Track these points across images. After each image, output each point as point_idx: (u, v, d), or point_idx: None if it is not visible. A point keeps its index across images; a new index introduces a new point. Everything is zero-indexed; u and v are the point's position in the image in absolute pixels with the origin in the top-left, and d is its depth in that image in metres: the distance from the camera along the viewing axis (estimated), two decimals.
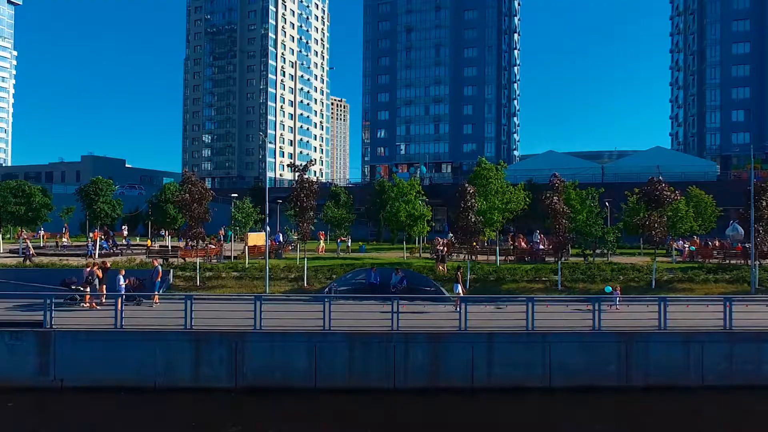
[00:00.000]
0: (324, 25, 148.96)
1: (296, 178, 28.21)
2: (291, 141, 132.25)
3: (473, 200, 27.55)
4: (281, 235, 41.18)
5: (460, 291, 24.04)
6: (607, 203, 40.68)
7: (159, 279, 23.57)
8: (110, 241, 36.71)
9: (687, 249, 38.73)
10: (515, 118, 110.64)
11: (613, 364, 19.69)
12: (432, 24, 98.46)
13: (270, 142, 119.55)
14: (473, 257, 37.56)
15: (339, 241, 43.77)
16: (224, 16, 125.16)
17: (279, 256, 38.30)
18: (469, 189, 27.57)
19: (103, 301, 22.46)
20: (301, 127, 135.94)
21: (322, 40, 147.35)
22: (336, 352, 19.15)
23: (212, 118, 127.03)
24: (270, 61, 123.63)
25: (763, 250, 32.03)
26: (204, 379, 18.80)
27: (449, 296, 25.83)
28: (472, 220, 27.13)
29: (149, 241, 41.28)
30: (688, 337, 19.83)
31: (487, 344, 19.47)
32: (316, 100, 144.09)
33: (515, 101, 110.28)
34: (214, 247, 34.72)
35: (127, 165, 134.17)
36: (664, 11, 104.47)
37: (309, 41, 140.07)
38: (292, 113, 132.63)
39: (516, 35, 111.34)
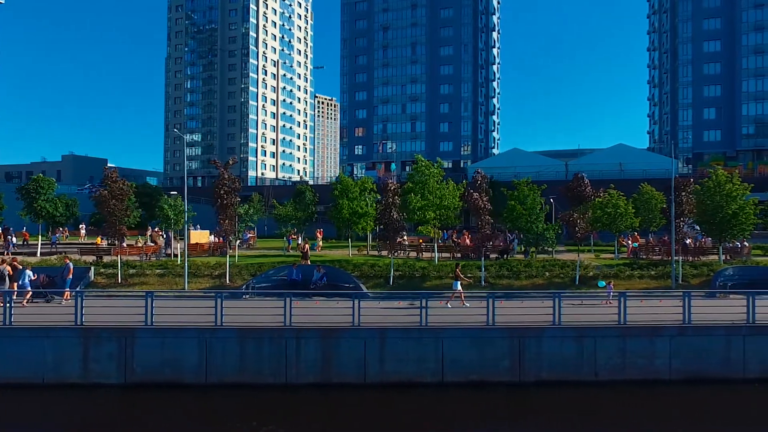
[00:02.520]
0: (307, 24, 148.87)
1: (228, 174, 28.05)
2: (273, 140, 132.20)
3: (396, 197, 27.58)
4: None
5: (459, 287, 24.11)
6: (551, 200, 40.80)
7: (70, 276, 23.56)
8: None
9: (630, 246, 38.91)
10: (494, 117, 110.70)
11: (506, 360, 19.78)
12: (408, 22, 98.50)
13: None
14: (420, 254, 37.79)
15: (290, 239, 43.89)
16: (205, 15, 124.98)
17: (224, 253, 38.41)
18: (390, 186, 27.62)
19: (14, 297, 22.47)
20: (284, 126, 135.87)
21: (305, 38, 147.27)
22: (227, 347, 19.21)
23: (194, 117, 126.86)
24: (251, 60, 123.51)
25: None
26: (93, 375, 18.83)
27: (367, 292, 25.95)
28: (394, 217, 27.17)
29: (98, 239, 41.26)
30: (581, 332, 19.92)
31: (380, 340, 19.54)
32: (299, 99, 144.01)
33: (494, 99, 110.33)
34: (152, 245, 34.70)
35: (109, 164, 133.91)
36: (644, 10, 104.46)
37: (292, 40, 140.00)
38: (275, 112, 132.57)
39: (495, 33, 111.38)
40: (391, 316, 21.12)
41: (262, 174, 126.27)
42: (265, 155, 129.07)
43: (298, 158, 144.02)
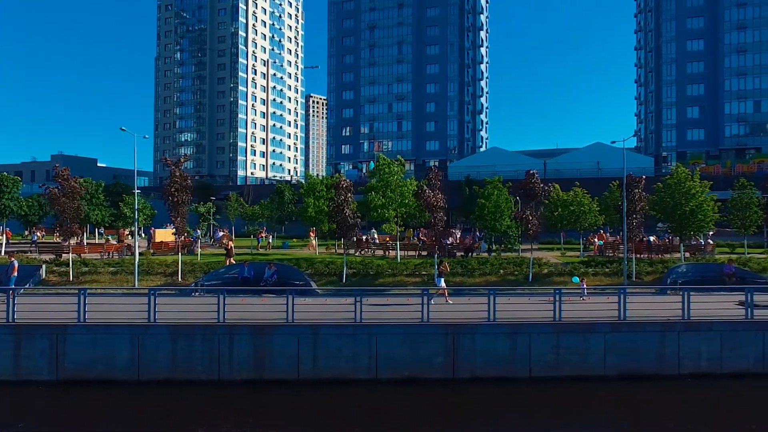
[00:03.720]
0: (298, 23, 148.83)
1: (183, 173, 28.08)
2: (263, 139, 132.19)
3: (349, 195, 27.63)
4: (198, 230, 41.27)
5: (443, 283, 24.23)
6: (518, 198, 40.85)
7: (14, 274, 23.57)
8: None
9: (596, 243, 38.99)
10: (481, 116, 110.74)
11: (440, 356, 19.80)
12: (395, 21, 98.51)
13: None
14: (387, 252, 37.83)
15: (260, 237, 43.96)
16: (194, 14, 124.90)
17: (191, 251, 38.48)
18: (342, 183, 27.66)
19: None
20: (274, 125, 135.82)
21: (296, 38, 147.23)
22: (159, 344, 19.23)
23: (183, 116, 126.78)
24: (241, 60, 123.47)
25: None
26: (25, 372, 18.85)
27: (316, 289, 26.01)
28: (347, 214, 27.19)
29: (55, 236, 41.31)
30: (515, 329, 19.94)
31: (313, 336, 19.56)
32: (290, 98, 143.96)
33: (482, 98, 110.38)
34: (115, 243, 34.74)
35: (99, 164, 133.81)
36: (633, 9, 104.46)
37: (282, 39, 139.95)
38: (265, 112, 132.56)
39: (483, 32, 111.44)
40: (335, 312, 21.09)
41: (252, 173, 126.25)
42: (255, 155, 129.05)
43: (289, 158, 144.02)
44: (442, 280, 24.49)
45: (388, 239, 39.80)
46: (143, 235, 43.62)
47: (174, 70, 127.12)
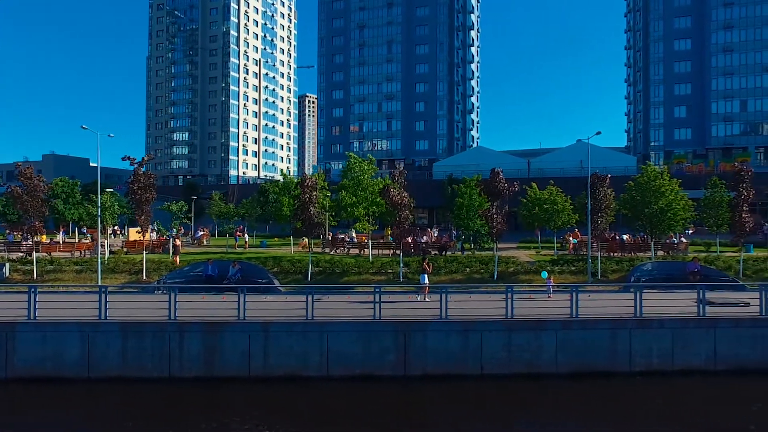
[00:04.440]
0: (291, 23, 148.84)
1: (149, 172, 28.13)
2: (255, 139, 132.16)
3: (314, 193, 27.65)
4: (174, 230, 41.29)
5: (426, 281, 24.34)
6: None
7: None
8: None
9: (571, 242, 39.03)
10: (472, 115, 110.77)
11: (392, 353, 19.84)
12: (384, 21, 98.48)
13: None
14: (362, 251, 37.82)
15: (237, 236, 43.99)
16: (186, 14, 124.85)
17: (166, 250, 38.51)
18: (307, 182, 27.68)
19: None
20: (266, 125, 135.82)
21: (288, 37, 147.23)
22: (109, 341, 19.26)
23: (175, 116, 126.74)
24: (232, 59, 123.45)
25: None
26: None
27: (279, 287, 26.05)
28: (311, 212, 27.21)
29: (43, 236, 41.27)
30: (466, 326, 19.98)
31: (264, 333, 19.60)
32: (282, 98, 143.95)
33: (472, 98, 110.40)
34: (86, 242, 34.74)
35: (92, 164, 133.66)
36: (623, 9, 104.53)
37: (275, 39, 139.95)
38: (257, 111, 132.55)
39: (473, 32, 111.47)
40: (293, 310, 21.10)
41: (244, 173, 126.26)
42: (247, 154, 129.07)
43: (282, 157, 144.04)
44: (426, 277, 24.64)
45: (364, 238, 39.81)
46: (121, 233, 43.66)
47: (166, 69, 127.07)
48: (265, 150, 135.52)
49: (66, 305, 20.03)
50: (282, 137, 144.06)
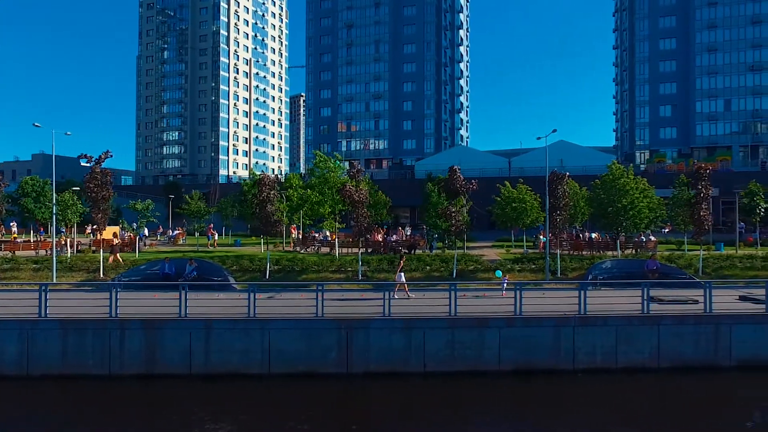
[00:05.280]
0: (282, 22, 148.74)
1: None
2: (246, 139, 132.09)
3: (272, 192, 27.61)
4: (146, 229, 41.24)
5: (403, 279, 24.40)
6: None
7: None
8: None
9: (541, 240, 39.02)
10: (461, 114, 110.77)
11: (334, 351, 19.79)
12: (371, 20, 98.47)
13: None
14: (332, 249, 37.80)
15: (209, 234, 43.95)
16: (176, 13, 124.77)
17: (135, 249, 38.46)
18: (265, 180, 27.63)
19: None
20: (257, 124, 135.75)
21: (279, 37, 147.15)
22: (49, 339, 19.20)
23: (165, 115, 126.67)
24: (222, 59, 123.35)
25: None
26: None
27: (233, 284, 26.02)
28: (269, 210, 27.17)
29: (14, 235, 41.24)
30: (409, 324, 19.95)
31: (205, 331, 19.56)
32: (273, 97, 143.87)
33: (461, 97, 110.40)
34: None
35: (83, 164, 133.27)
36: (611, 8, 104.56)
37: (265, 39, 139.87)
38: (248, 111, 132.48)
39: (462, 31, 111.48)
40: (237, 307, 21.08)
41: (234, 173, 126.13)
42: (237, 154, 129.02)
43: (273, 157, 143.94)
44: (402, 275, 24.69)
45: (334, 236, 39.77)
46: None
47: (156, 68, 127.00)
48: (256, 150, 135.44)
49: (6, 303, 19.96)
50: (273, 137, 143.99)
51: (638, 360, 20.13)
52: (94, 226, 48.74)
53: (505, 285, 24.42)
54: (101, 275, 27.35)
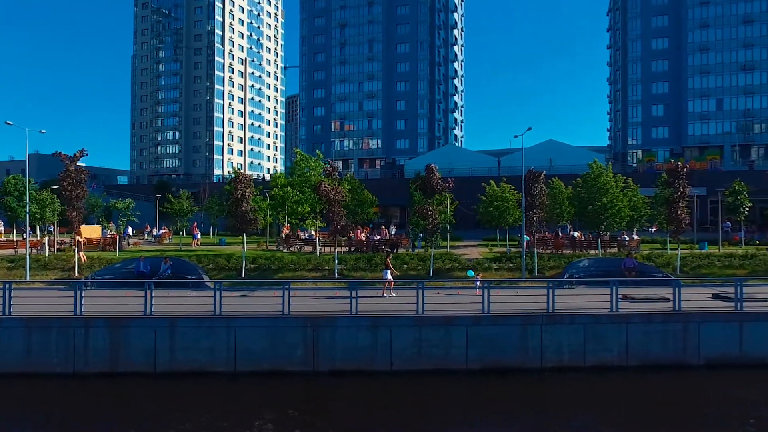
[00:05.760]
0: (278, 22, 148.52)
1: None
2: (241, 138, 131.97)
3: (248, 190, 27.53)
4: (129, 228, 41.16)
5: (389, 276, 24.39)
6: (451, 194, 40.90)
7: None
8: None
9: (524, 240, 38.95)
10: (455, 114, 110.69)
11: (300, 349, 19.72)
12: (365, 20, 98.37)
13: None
14: (314, 248, 37.70)
15: (195, 233, 43.87)
16: (171, 12, 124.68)
17: (121, 248, 38.39)
18: (240, 178, 27.56)
19: None
20: (252, 124, 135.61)
21: (275, 37, 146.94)
22: (13, 337, 19.14)
23: (160, 115, 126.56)
24: (217, 58, 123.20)
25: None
26: None
27: (207, 283, 25.93)
28: (244, 209, 27.10)
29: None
30: (376, 322, 19.87)
31: (170, 329, 19.48)
32: (269, 97, 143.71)
33: (455, 97, 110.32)
34: (33, 239, 34.58)
35: (79, 163, 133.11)
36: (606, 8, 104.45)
37: (261, 38, 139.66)
38: (243, 110, 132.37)
39: (456, 31, 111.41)
40: (206, 305, 20.97)
41: (229, 172, 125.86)
42: (232, 153, 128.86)
43: (269, 156, 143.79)
44: (389, 273, 24.68)
45: (326, 235, 39.69)
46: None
47: (151, 68, 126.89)
48: (251, 149, 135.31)
49: None
50: (269, 137, 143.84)
51: (607, 358, 20.06)
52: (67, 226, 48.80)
53: (478, 284, 24.34)
54: (76, 274, 27.26)
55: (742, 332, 20.14)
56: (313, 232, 43.87)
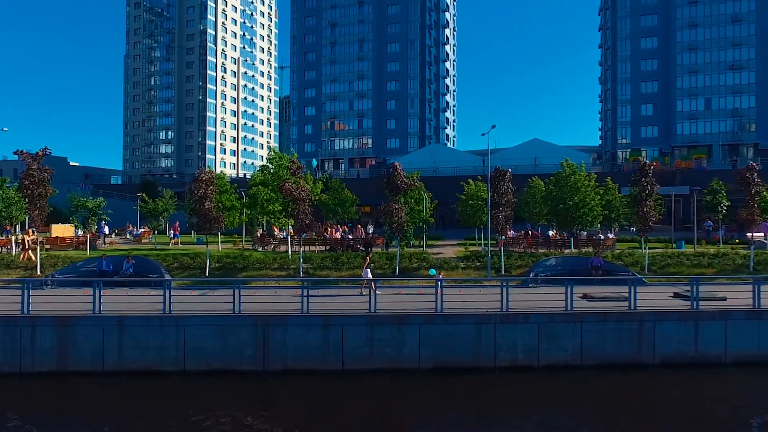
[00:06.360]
0: (271, 21, 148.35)
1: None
2: (234, 138, 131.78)
3: (210, 188, 27.34)
4: (106, 227, 40.96)
5: (369, 275, 24.40)
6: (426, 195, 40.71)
7: None
8: None
9: (500, 239, 38.76)
10: (446, 113, 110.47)
11: (251, 348, 19.54)
12: (355, 19, 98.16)
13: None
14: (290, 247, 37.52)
15: (176, 233, 43.72)
16: (163, 12, 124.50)
17: (93, 247, 38.20)
18: (202, 176, 27.37)
19: None
20: (245, 124, 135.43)
21: (269, 36, 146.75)
22: None
23: (152, 114, 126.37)
24: (209, 58, 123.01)
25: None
26: None
27: (170, 280, 25.71)
28: (207, 207, 26.91)
29: None
30: (327, 321, 19.69)
31: (119, 327, 19.30)
32: (263, 97, 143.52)
33: (446, 96, 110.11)
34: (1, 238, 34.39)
35: (71, 163, 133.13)
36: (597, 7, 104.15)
37: (254, 38, 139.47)
38: (236, 110, 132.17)
39: (448, 30, 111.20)
40: (156, 304, 20.78)
41: (221, 172, 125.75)
42: (225, 153, 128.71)
43: (262, 156, 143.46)
44: (369, 271, 24.66)
45: (294, 233, 39.50)
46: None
47: (143, 68, 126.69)
48: (245, 149, 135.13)
49: None
50: (262, 136, 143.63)
51: (561, 358, 19.88)
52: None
53: (440, 283, 24.13)
54: (38, 273, 27.08)
55: (697, 331, 19.96)
56: (291, 231, 43.80)
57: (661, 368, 19.94)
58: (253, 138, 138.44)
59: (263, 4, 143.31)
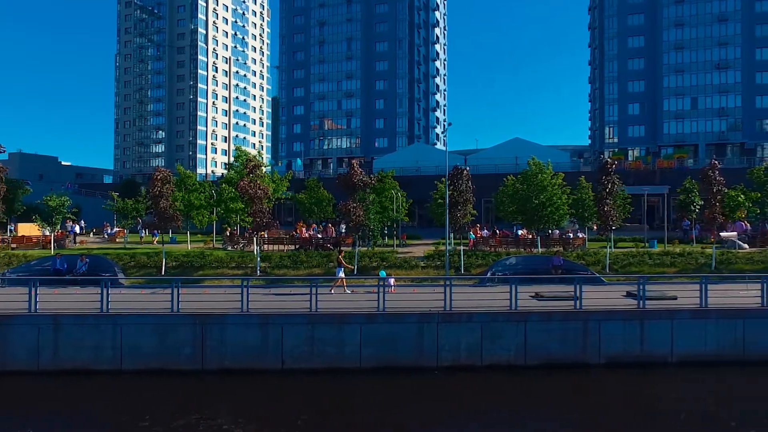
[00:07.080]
0: (264, 21, 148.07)
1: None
2: (225, 138, 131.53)
3: (165, 187, 27.08)
4: (77, 226, 40.71)
5: (342, 273, 24.31)
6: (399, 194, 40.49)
7: None
8: None
9: (470, 239, 38.54)
10: (436, 113, 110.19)
11: (188, 347, 19.29)
12: (344, 18, 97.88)
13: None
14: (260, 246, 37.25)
15: (156, 231, 43.47)
16: (154, 11, 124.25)
17: (62, 246, 37.98)
18: (158, 176, 27.10)
19: None
20: (237, 123, 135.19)
21: (261, 36, 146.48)
22: None
23: (143, 114, 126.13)
24: (200, 57, 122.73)
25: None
26: None
27: (121, 280, 25.50)
28: (162, 206, 26.67)
29: None
30: (266, 320, 19.44)
31: (54, 326, 19.05)
32: (255, 96, 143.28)
33: (436, 96, 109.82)
34: None
35: (63, 162, 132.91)
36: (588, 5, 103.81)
37: (246, 37, 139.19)
38: (227, 110, 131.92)
39: (438, 29, 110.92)
40: (64, 302, 20.44)
41: (213, 171, 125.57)
42: (216, 152, 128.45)
43: (254, 156, 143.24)
44: (341, 270, 24.47)
45: (262, 233, 39.25)
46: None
47: (134, 67, 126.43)
48: (236, 148, 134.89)
49: None
50: (254, 136, 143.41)
51: (504, 357, 19.61)
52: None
53: (392, 282, 23.92)
54: None
55: (643, 330, 19.69)
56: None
57: (605, 368, 19.68)
58: (245, 138, 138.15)
59: (255, 4, 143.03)
